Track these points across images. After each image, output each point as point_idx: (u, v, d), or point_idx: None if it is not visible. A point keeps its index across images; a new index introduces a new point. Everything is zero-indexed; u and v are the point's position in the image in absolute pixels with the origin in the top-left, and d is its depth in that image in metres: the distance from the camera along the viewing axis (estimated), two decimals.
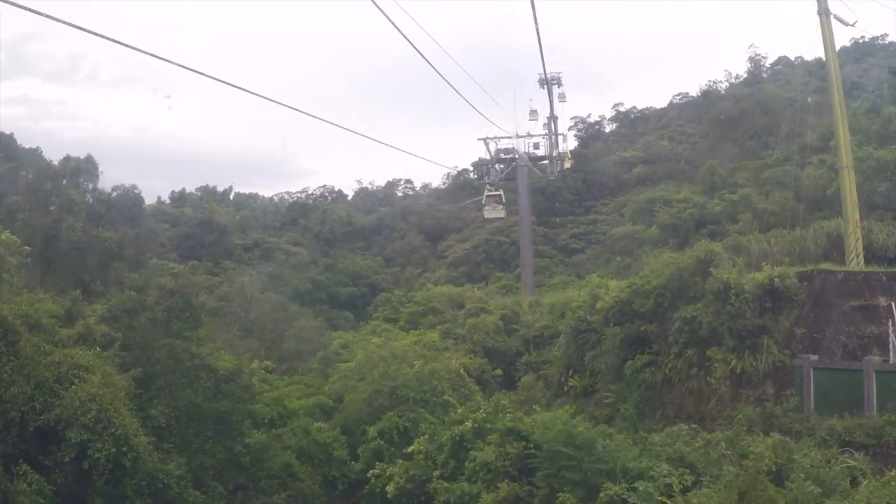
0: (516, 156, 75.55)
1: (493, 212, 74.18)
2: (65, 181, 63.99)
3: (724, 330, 37.26)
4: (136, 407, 35.25)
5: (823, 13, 45.60)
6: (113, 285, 55.96)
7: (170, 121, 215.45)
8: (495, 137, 76.17)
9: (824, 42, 46.13)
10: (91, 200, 60.06)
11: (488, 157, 75.66)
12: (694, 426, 33.86)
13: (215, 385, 39.29)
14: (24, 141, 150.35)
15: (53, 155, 71.07)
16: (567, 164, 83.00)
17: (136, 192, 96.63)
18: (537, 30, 38.36)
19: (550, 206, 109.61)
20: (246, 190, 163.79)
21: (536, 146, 76.72)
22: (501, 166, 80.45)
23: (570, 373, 48.95)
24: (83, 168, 62.18)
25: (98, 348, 37.25)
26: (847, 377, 33.51)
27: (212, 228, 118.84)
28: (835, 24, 45.11)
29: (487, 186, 73.82)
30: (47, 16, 15.60)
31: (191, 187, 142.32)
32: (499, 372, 55.36)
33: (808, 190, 61.40)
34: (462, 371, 47.61)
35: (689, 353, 38.87)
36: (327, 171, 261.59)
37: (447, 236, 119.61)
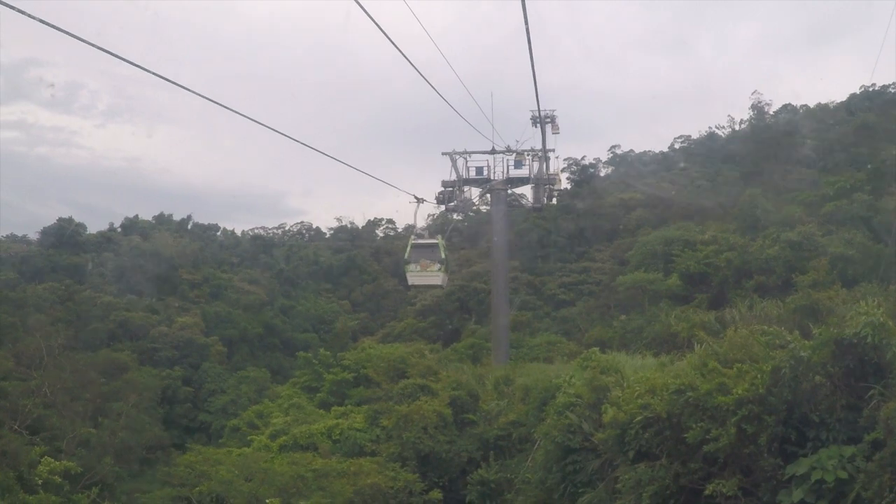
0: (491, 175, 51.64)
1: (423, 275, 39.16)
2: None
3: None
4: None
5: None
6: None
7: (163, 154, 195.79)
8: (465, 153, 52.41)
9: None
10: None
11: (454, 177, 51.76)
12: None
13: None
14: (17, 166, 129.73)
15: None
16: (560, 186, 58.71)
17: None
18: (531, 57, 17.36)
19: (537, 249, 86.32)
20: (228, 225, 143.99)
21: (519, 164, 52.49)
22: (476, 197, 56.71)
23: None
24: None
25: None
26: None
27: (157, 260, 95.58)
28: None
29: (415, 233, 42.18)
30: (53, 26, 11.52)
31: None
32: (437, 495, 31.47)
33: None
34: None
35: None
36: (319, 211, 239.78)
37: None
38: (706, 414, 17.59)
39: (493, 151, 51.99)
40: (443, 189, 51.58)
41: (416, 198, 36.67)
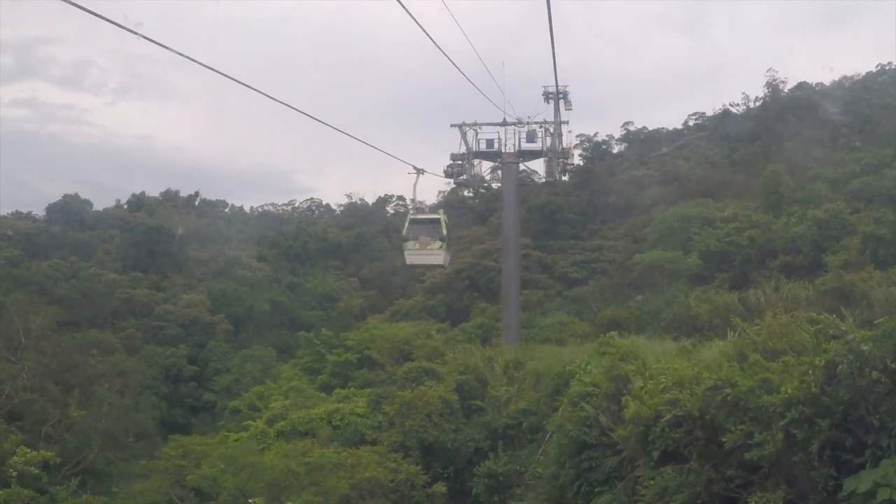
0: (502, 148, 48.93)
1: (423, 254, 34.86)
2: None
3: None
4: None
5: None
6: None
7: (175, 131, 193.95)
8: (475, 124, 49.78)
9: None
10: None
11: (464, 149, 49.14)
12: None
13: None
14: (28, 144, 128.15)
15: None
16: (573, 161, 56.00)
17: None
18: (551, 30, 19.50)
19: (548, 226, 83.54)
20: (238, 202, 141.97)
21: (532, 136, 49.87)
22: (486, 171, 53.99)
23: None
24: None
25: None
26: None
27: (162, 237, 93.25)
28: None
29: (414, 207, 38.81)
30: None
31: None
32: (440, 489, 29.07)
33: None
34: None
35: None
36: (330, 189, 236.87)
37: None
38: (747, 415, 15.09)
39: (504, 123, 49.34)
40: (451, 162, 49.00)
41: (415, 168, 32.93)
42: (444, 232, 34.51)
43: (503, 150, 49.59)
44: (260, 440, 36.12)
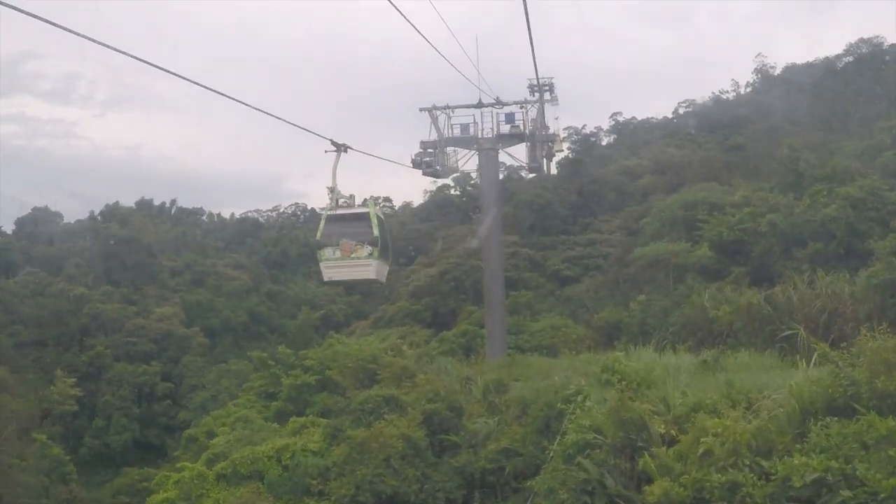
0: (479, 133, 41.79)
1: (346, 265, 22.12)
2: None
3: None
4: None
5: None
6: None
7: (164, 141, 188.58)
8: (447, 108, 42.60)
9: None
10: None
11: (435, 136, 42.02)
12: None
13: None
14: (17, 160, 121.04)
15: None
16: (561, 150, 48.78)
17: None
18: (528, 25, 13.64)
19: (537, 221, 76.60)
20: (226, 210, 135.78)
21: (512, 119, 42.67)
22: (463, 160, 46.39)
23: None
24: None
25: None
26: None
27: (135, 248, 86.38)
28: None
29: (331, 197, 21.91)
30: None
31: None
32: None
33: None
34: None
35: None
36: (320, 194, 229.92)
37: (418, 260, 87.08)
38: None
39: (479, 105, 42.02)
40: (421, 150, 41.71)
41: (333, 144, 21.46)
42: (376, 232, 22.26)
43: (480, 136, 42.37)
44: (198, 485, 29.12)
